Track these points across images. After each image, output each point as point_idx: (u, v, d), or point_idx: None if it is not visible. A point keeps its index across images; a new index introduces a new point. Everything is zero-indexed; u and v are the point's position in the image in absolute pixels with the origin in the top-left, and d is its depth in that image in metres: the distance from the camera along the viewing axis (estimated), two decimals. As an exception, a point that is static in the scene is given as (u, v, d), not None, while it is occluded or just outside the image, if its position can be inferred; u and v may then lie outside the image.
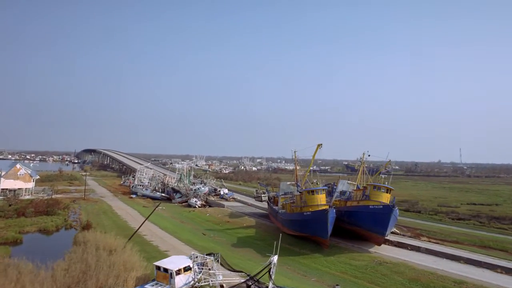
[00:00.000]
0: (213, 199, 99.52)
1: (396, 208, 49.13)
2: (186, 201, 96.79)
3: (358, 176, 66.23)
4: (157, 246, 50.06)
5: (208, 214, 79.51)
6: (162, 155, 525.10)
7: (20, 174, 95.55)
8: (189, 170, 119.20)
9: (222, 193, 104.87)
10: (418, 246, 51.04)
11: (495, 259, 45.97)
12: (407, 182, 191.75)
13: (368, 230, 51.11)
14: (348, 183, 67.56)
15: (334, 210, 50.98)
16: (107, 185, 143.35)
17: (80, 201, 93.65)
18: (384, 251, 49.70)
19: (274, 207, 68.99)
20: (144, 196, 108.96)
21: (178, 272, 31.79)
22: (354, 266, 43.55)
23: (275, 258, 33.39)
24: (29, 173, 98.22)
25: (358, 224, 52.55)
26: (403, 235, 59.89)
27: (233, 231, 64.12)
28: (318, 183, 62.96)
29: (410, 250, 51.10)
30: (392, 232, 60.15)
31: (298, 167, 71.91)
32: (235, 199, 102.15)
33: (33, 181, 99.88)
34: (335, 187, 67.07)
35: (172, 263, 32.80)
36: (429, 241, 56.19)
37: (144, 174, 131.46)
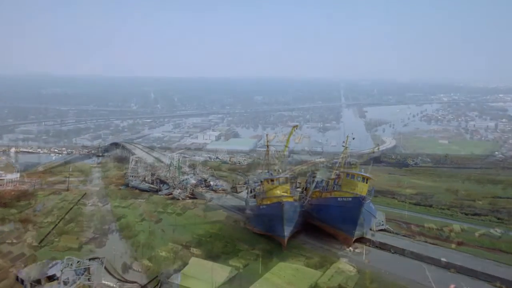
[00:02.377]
0: (201, 190, 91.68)
1: (369, 201, 38.84)
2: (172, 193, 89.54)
3: (341, 162, 55.64)
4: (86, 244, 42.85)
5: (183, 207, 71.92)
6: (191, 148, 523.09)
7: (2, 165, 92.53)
8: (179, 160, 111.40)
9: (212, 184, 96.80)
10: (403, 249, 40.80)
11: (500, 266, 35.70)
12: (433, 174, 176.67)
13: (336, 228, 41.23)
14: (329, 171, 57.36)
15: (296, 203, 41.63)
16: (107, 177, 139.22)
17: (60, 193, 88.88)
18: (356, 254, 39.97)
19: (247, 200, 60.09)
20: (133, 188, 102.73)
21: (37, 282, 24.17)
22: (306, 275, 34.22)
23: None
24: (12, 164, 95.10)
25: (325, 220, 42.71)
26: (396, 234, 49.55)
27: (197, 226, 56.27)
28: (280, 170, 53.39)
29: (393, 253, 41.03)
30: (384, 230, 50.07)
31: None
32: (225, 191, 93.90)
33: (17, 171, 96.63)
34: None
35: (33, 271, 25.23)
36: (425, 242, 45.82)
37: (139, 163, 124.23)
